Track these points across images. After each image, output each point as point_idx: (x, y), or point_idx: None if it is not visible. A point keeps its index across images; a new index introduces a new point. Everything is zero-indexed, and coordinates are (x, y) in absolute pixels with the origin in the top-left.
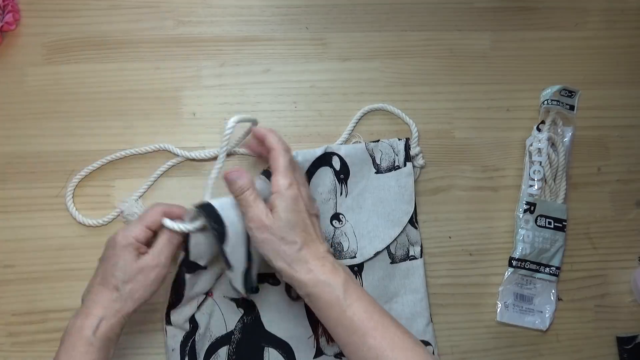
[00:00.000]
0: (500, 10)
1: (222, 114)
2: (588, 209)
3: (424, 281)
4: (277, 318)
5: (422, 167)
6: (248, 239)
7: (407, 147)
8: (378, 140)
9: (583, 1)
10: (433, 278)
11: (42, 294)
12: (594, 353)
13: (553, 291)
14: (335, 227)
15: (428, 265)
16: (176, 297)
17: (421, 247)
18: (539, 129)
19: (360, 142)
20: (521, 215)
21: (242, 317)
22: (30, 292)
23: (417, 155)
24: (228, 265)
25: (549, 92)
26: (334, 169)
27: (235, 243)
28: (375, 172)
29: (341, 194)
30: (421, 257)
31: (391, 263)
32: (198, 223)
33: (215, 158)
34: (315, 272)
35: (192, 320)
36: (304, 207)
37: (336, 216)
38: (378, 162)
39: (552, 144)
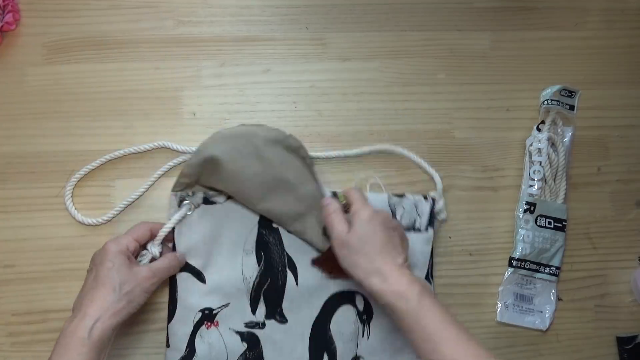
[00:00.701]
0: (500, 10)
1: (222, 114)
2: (588, 209)
3: None
4: (279, 357)
5: (443, 221)
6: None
7: (432, 211)
8: (403, 195)
9: (583, 1)
10: (433, 278)
11: (42, 294)
12: (594, 353)
13: (553, 291)
14: None
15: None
16: (171, 304)
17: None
18: (539, 129)
19: (376, 181)
20: (521, 215)
21: (245, 351)
22: (30, 292)
23: (440, 210)
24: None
25: (549, 92)
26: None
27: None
28: None
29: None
30: None
31: None
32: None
33: None
34: (390, 282)
35: (190, 344)
36: (379, 223)
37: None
38: (398, 218)
39: (552, 144)
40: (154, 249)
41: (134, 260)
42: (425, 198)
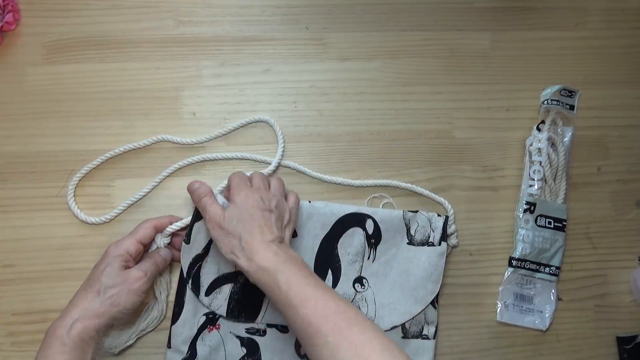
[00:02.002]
0: (500, 10)
1: (222, 113)
2: (588, 209)
3: None
4: None
5: (454, 247)
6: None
7: (445, 226)
8: (417, 211)
9: (583, 1)
10: None
11: (42, 294)
12: (594, 353)
13: (553, 291)
14: (357, 290)
15: None
16: (178, 307)
17: (436, 328)
18: (539, 129)
19: (389, 200)
20: (521, 215)
21: (243, 357)
22: (30, 292)
23: (452, 234)
24: (188, 239)
25: (549, 92)
26: (367, 232)
27: (203, 230)
28: (408, 243)
29: (369, 258)
30: (434, 338)
31: (402, 337)
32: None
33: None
34: (255, 260)
35: (192, 347)
36: (252, 205)
37: (359, 279)
38: (412, 233)
39: (552, 143)
40: (160, 240)
41: (131, 264)
42: (439, 215)
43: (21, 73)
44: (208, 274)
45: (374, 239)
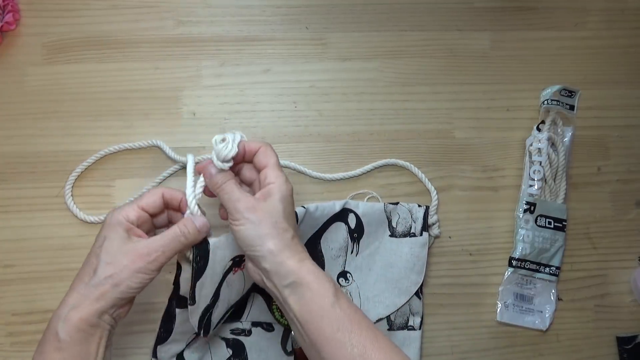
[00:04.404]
0: (500, 10)
1: (222, 114)
2: (588, 209)
3: (418, 355)
4: None
5: (436, 237)
6: (221, 281)
7: (426, 216)
8: (397, 203)
9: (583, 1)
10: (433, 278)
11: (42, 294)
12: (594, 353)
13: (553, 291)
14: (341, 284)
15: (428, 265)
16: (165, 332)
17: (422, 318)
18: (539, 129)
19: (373, 194)
20: (521, 215)
21: (229, 358)
22: (30, 292)
23: (434, 224)
24: (192, 301)
25: (549, 92)
26: (349, 226)
27: (208, 282)
28: (390, 235)
29: (352, 252)
30: (420, 329)
31: (388, 329)
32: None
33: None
34: (306, 262)
35: (180, 357)
36: (294, 209)
37: (343, 274)
38: (394, 225)
39: (552, 144)
40: (193, 203)
41: (137, 232)
42: (419, 206)
43: (21, 73)
44: (219, 315)
45: (356, 233)
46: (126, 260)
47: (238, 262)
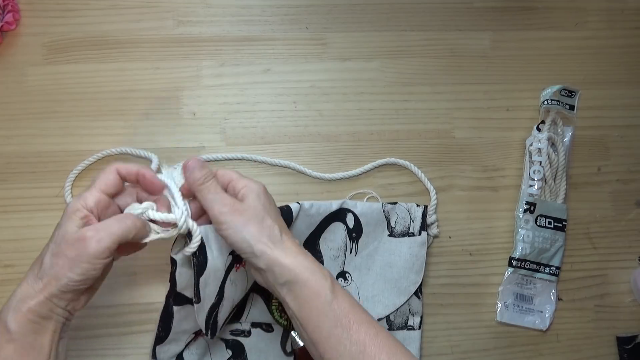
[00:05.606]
0: (500, 10)
1: (222, 114)
2: (588, 209)
3: (418, 355)
4: None
5: (435, 237)
6: (224, 278)
7: (424, 216)
8: (396, 203)
9: (583, 1)
10: (433, 278)
11: None
12: (594, 353)
13: (553, 291)
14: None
15: (428, 265)
16: (164, 331)
17: (421, 318)
18: (539, 129)
19: (372, 194)
20: (521, 215)
21: (229, 359)
22: None
23: (432, 224)
24: (198, 299)
25: (549, 92)
26: (347, 226)
27: (212, 278)
28: (389, 235)
29: (351, 252)
30: (419, 328)
31: (388, 329)
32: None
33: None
34: (299, 258)
35: (180, 358)
36: (275, 204)
37: (343, 274)
38: (393, 225)
39: (552, 143)
40: (136, 210)
41: (93, 221)
42: (418, 205)
43: (21, 73)
44: (224, 314)
45: (355, 233)
46: (68, 250)
47: (238, 257)
